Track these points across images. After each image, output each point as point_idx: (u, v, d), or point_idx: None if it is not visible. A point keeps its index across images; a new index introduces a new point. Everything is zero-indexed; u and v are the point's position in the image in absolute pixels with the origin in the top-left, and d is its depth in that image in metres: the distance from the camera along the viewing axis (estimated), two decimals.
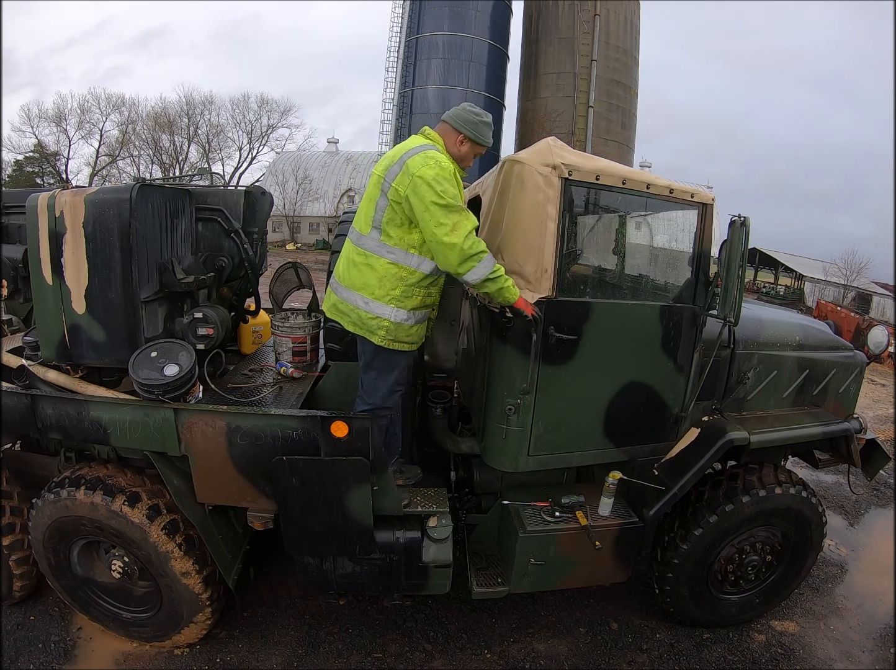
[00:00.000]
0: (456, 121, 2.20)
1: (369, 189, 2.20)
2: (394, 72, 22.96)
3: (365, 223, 2.18)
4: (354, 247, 2.22)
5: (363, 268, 2.18)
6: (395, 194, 2.07)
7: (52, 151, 35.00)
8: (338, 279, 2.30)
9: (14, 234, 3.24)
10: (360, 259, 2.19)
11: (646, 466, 2.66)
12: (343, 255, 2.30)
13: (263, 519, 2.43)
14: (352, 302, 2.22)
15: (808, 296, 28.15)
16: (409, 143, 2.19)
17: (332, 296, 2.34)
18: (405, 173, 2.03)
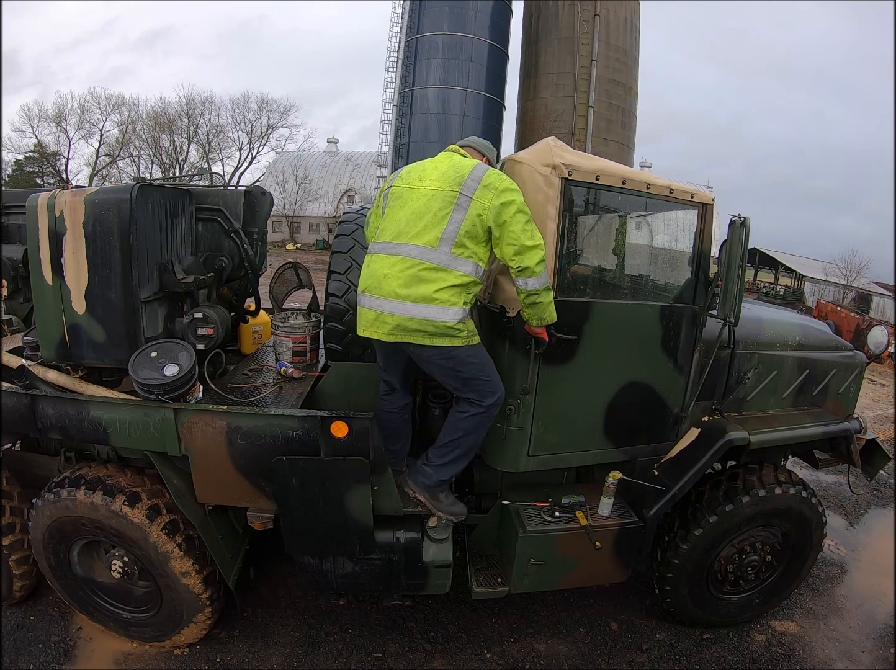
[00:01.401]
0: (480, 146, 2.41)
1: (429, 204, 2.12)
2: (394, 72, 22.91)
3: (432, 238, 2.10)
4: (420, 262, 2.10)
5: (436, 280, 2.10)
6: (477, 207, 2.07)
7: (52, 151, 35.01)
8: (396, 297, 2.11)
9: (14, 234, 3.23)
10: (429, 273, 2.10)
11: (646, 466, 2.67)
12: (396, 273, 2.11)
13: (263, 519, 2.43)
14: (427, 316, 2.10)
15: (808, 296, 28.16)
16: (461, 160, 2.22)
17: (390, 317, 2.13)
18: (488, 188, 2.07)
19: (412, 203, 2.17)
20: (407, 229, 2.14)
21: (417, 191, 2.17)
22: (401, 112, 22.62)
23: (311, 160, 36.56)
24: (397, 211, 2.20)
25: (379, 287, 2.14)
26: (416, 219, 2.13)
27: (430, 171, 2.20)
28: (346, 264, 2.55)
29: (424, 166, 2.26)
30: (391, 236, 2.18)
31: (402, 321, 2.12)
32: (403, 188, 2.23)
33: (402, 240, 2.14)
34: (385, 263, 2.15)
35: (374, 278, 2.18)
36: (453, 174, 2.13)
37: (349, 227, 2.59)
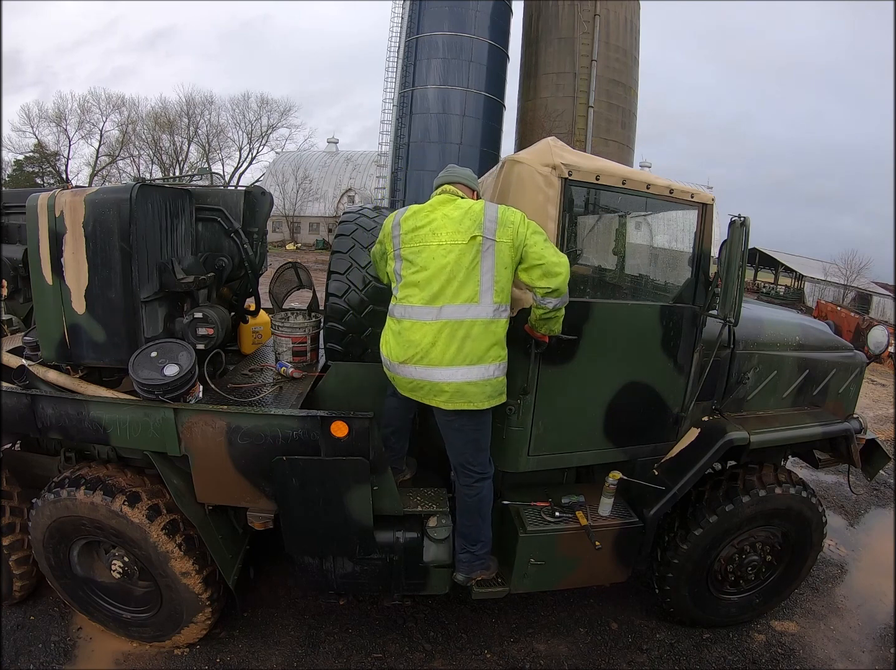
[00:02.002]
0: (468, 180, 2.29)
1: (457, 259, 2.03)
2: (394, 72, 22.91)
3: (472, 293, 2.03)
4: (467, 321, 2.03)
5: (486, 336, 2.06)
6: (502, 247, 2.03)
7: (52, 151, 35.02)
8: (451, 364, 2.04)
9: (14, 234, 3.23)
10: (478, 330, 2.04)
11: (646, 466, 2.67)
12: (444, 339, 2.04)
13: (263, 519, 2.43)
14: (481, 377, 2.07)
15: (808, 296, 28.16)
16: (468, 205, 2.12)
17: (447, 385, 2.06)
18: (505, 225, 2.03)
19: (436, 261, 2.06)
20: (442, 290, 2.04)
21: (437, 247, 2.07)
22: (401, 112, 22.62)
23: (311, 160, 36.56)
24: (421, 272, 2.09)
25: (426, 356, 2.06)
26: (448, 279, 2.04)
27: (441, 224, 2.09)
28: (346, 264, 2.55)
29: (432, 219, 2.12)
30: (425, 300, 2.07)
31: (462, 386, 2.06)
32: (420, 247, 2.10)
33: (441, 302, 2.04)
34: (427, 331, 2.06)
35: (416, 348, 2.07)
36: (469, 222, 2.05)
37: (349, 227, 2.58)
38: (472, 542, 2.41)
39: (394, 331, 2.17)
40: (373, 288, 2.45)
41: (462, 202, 2.15)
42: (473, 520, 2.37)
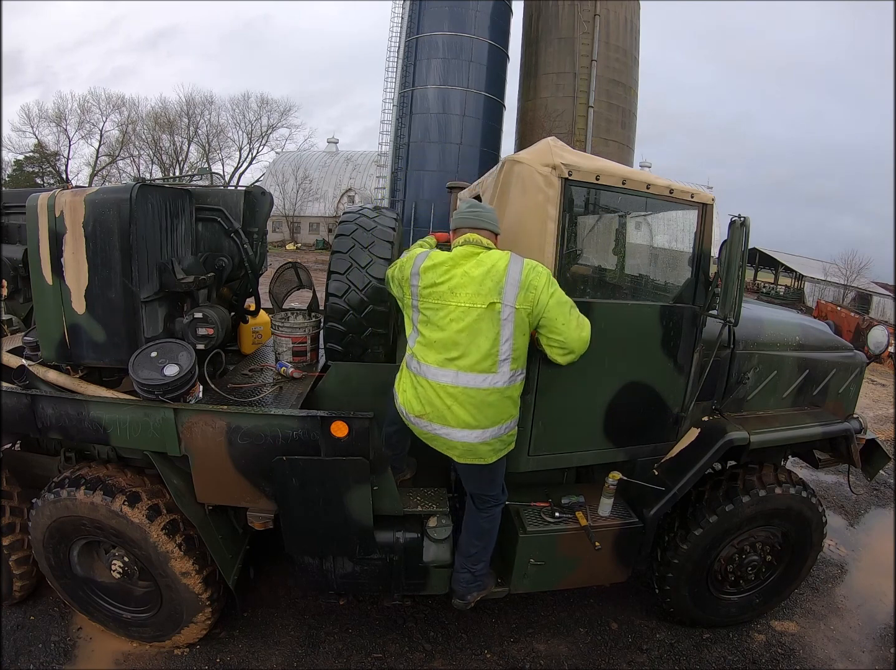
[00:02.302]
0: (491, 224, 2.13)
1: (475, 325, 1.96)
2: (394, 72, 22.91)
3: (490, 363, 1.99)
4: (485, 390, 2.01)
5: (503, 402, 2.06)
6: (522, 314, 1.97)
7: (52, 151, 35.01)
8: (468, 427, 2.05)
9: (14, 234, 3.23)
10: (495, 397, 2.03)
11: (646, 466, 2.67)
12: (462, 403, 2.02)
13: (263, 519, 2.43)
14: (497, 435, 2.10)
15: (808, 296, 28.15)
16: (492, 261, 1.99)
17: (461, 444, 2.08)
18: (525, 289, 1.95)
19: (454, 324, 1.99)
20: (460, 354, 2.00)
21: (455, 309, 1.99)
22: (401, 112, 22.62)
23: (311, 160, 36.55)
24: (437, 332, 2.03)
25: (443, 417, 2.05)
26: (466, 343, 1.98)
27: (461, 283, 1.99)
28: (346, 264, 2.55)
29: (452, 275, 2.01)
30: (440, 363, 2.03)
31: (475, 446, 2.09)
32: (438, 305, 2.02)
33: (457, 366, 2.01)
34: (443, 393, 2.03)
35: (433, 407, 2.06)
36: (490, 284, 1.95)
37: (349, 227, 2.58)
38: (474, 562, 2.42)
39: (412, 384, 2.13)
40: (373, 288, 2.44)
41: (486, 257, 2.02)
42: (481, 542, 2.39)
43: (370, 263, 2.50)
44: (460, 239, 2.09)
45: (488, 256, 2.02)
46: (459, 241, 2.09)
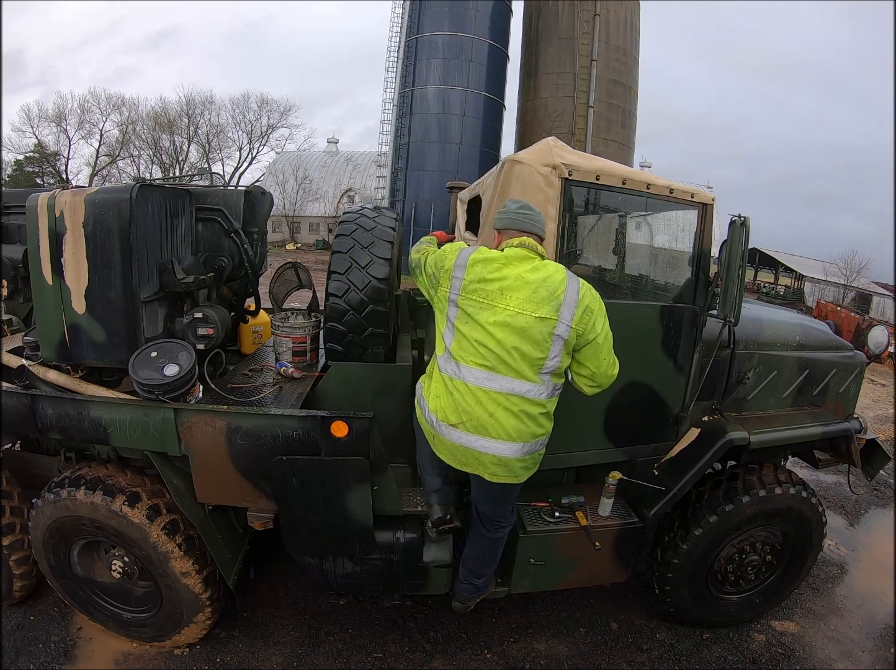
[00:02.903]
0: (543, 230, 2.03)
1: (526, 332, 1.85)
2: (394, 72, 22.92)
3: (535, 373, 1.89)
4: (527, 400, 1.91)
5: (542, 415, 1.97)
6: (575, 333, 1.89)
7: (52, 151, 35.01)
8: (509, 439, 1.93)
9: (14, 234, 3.23)
10: (536, 408, 1.94)
11: (646, 466, 2.67)
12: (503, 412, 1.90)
13: (263, 519, 2.43)
14: (530, 452, 2.00)
15: (808, 296, 28.16)
16: (549, 273, 1.89)
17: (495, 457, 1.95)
18: (584, 311, 1.87)
19: (499, 327, 1.86)
20: (502, 360, 1.87)
21: (503, 310, 1.86)
22: (401, 112, 22.63)
23: (311, 160, 36.55)
24: (480, 332, 1.89)
25: (483, 427, 1.91)
26: (510, 350, 1.86)
27: (514, 285, 1.86)
28: (346, 264, 2.55)
29: (504, 275, 1.88)
30: (480, 365, 1.89)
31: (510, 461, 1.96)
32: (484, 304, 1.88)
33: (501, 371, 1.88)
34: (484, 398, 1.90)
35: (470, 416, 1.92)
36: (545, 294, 1.85)
37: (349, 227, 2.58)
38: (477, 576, 2.42)
39: (447, 389, 1.97)
40: (373, 288, 2.44)
41: (541, 265, 1.91)
42: (486, 559, 2.38)
43: (370, 263, 2.50)
44: (514, 240, 1.95)
45: (544, 265, 1.91)
46: (513, 243, 1.94)
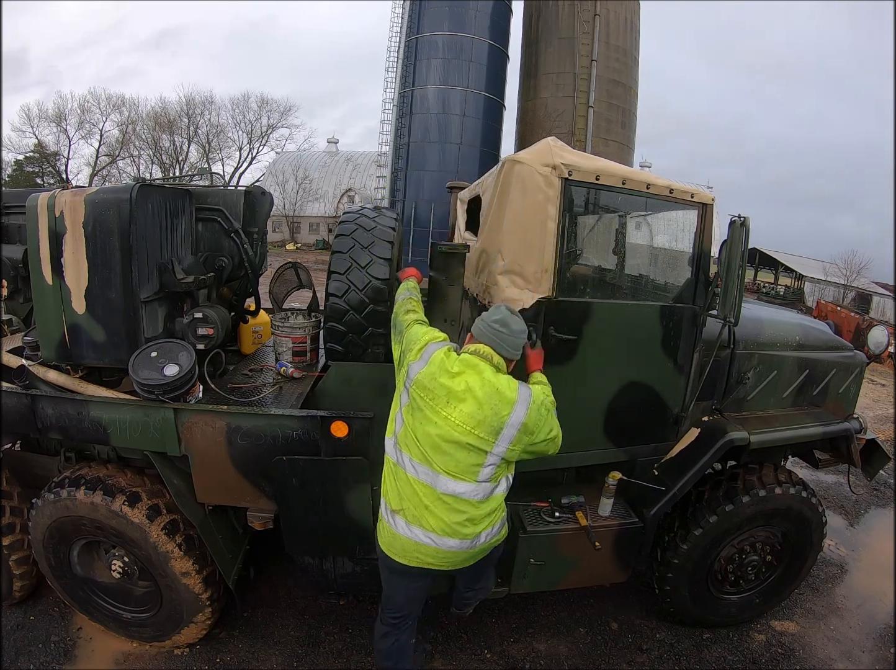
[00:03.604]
0: (512, 352, 1.92)
1: (461, 441, 1.78)
2: (394, 72, 22.90)
3: (472, 478, 1.83)
4: (464, 501, 1.84)
5: (487, 516, 1.90)
6: (513, 452, 1.83)
7: (52, 151, 34.98)
8: (451, 536, 1.86)
9: (14, 234, 3.23)
10: (475, 510, 1.86)
11: (646, 466, 2.66)
12: (441, 510, 1.84)
13: (263, 519, 2.43)
14: (490, 539, 1.96)
15: (808, 296, 28.16)
16: (500, 389, 1.79)
17: (452, 553, 1.89)
18: (524, 433, 1.80)
19: (440, 429, 1.80)
20: (438, 459, 1.82)
21: (445, 420, 1.79)
22: (401, 112, 22.60)
23: (311, 160, 36.54)
24: (424, 425, 1.83)
25: (423, 518, 1.85)
26: (449, 453, 1.80)
27: (460, 395, 1.78)
28: (346, 264, 2.55)
29: (454, 384, 1.79)
30: (422, 458, 1.84)
31: (469, 554, 1.93)
32: (432, 403, 1.81)
33: (436, 468, 1.82)
34: (422, 491, 1.84)
35: (411, 504, 1.87)
36: (490, 414, 1.76)
37: (349, 227, 2.58)
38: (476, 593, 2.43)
39: (392, 474, 1.94)
40: (373, 288, 2.44)
41: (494, 379, 1.80)
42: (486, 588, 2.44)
43: (370, 263, 2.50)
44: (471, 347, 1.89)
45: (498, 379, 1.81)
46: (470, 349, 1.88)
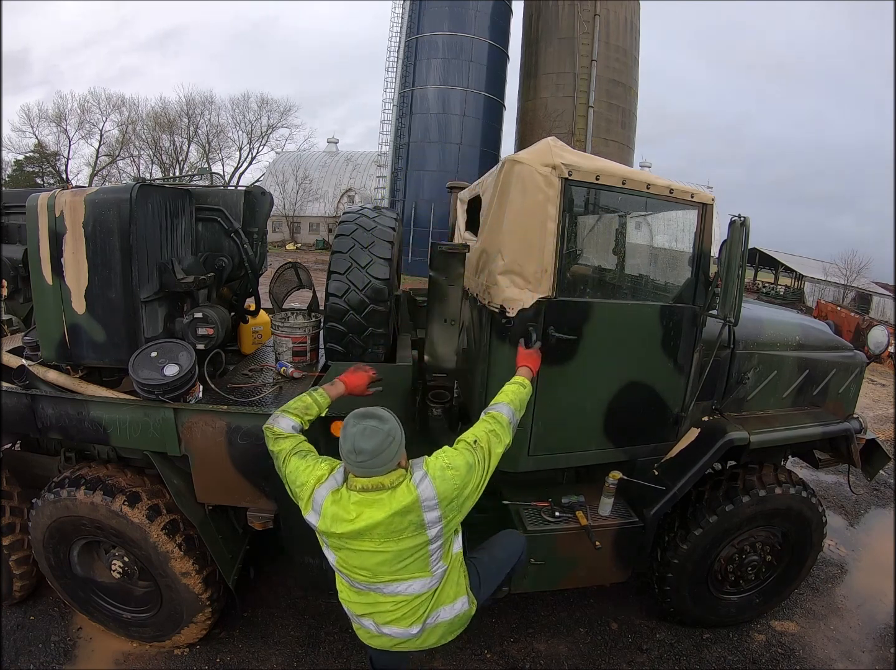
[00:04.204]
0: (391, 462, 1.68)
1: (400, 555, 1.66)
2: (394, 72, 22.90)
3: (426, 573, 1.73)
4: (421, 595, 1.75)
5: (446, 596, 1.81)
6: (450, 524, 1.71)
7: (52, 151, 34.98)
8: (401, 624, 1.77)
9: (14, 234, 3.23)
10: (435, 598, 1.79)
11: (646, 466, 2.66)
12: (402, 611, 1.76)
13: (263, 519, 2.43)
14: (465, 609, 1.87)
15: (808, 296, 28.16)
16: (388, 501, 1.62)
17: (422, 638, 1.83)
18: (445, 505, 1.66)
19: (369, 556, 1.67)
20: (385, 574, 1.70)
21: (364, 552, 1.66)
22: (401, 112, 22.61)
23: (311, 160, 36.54)
24: (351, 558, 1.70)
25: (393, 620, 1.77)
26: (391, 565, 1.68)
27: (364, 531, 1.62)
28: (346, 264, 2.55)
29: (356, 528, 1.62)
30: (369, 579, 1.72)
31: (441, 637, 1.85)
32: (343, 547, 1.69)
33: (387, 581, 1.72)
34: (383, 599, 1.75)
35: (377, 610, 1.78)
36: (400, 522, 1.62)
37: (349, 227, 2.58)
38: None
39: (345, 585, 1.83)
40: (373, 288, 2.44)
41: (395, 502, 1.62)
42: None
43: (370, 263, 2.50)
44: (356, 483, 1.66)
45: (396, 498, 1.63)
46: (357, 486, 1.66)
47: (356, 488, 1.66)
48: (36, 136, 34.23)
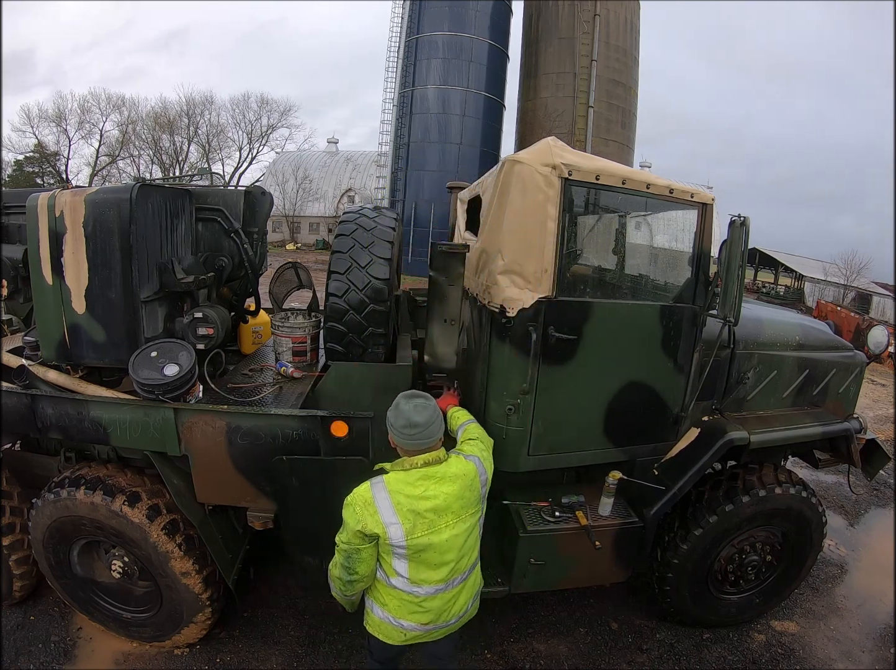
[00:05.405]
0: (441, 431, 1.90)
1: (461, 539, 1.84)
2: (394, 72, 22.90)
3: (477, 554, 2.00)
4: (475, 575, 2.02)
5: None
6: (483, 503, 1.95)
7: (52, 151, 34.99)
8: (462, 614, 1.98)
9: (14, 234, 3.23)
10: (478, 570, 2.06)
11: (646, 466, 2.66)
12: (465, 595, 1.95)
13: (263, 519, 2.43)
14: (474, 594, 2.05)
15: (808, 296, 28.16)
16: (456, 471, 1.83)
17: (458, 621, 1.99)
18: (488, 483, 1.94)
19: (448, 543, 1.81)
20: (454, 569, 1.86)
21: (446, 527, 1.80)
22: (401, 112, 22.61)
23: (311, 160, 36.54)
24: (431, 556, 1.81)
25: (448, 611, 1.92)
26: (458, 557, 1.86)
27: (444, 505, 1.78)
28: (346, 264, 2.55)
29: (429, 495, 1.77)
30: (437, 581, 1.85)
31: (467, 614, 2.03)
32: (427, 534, 1.77)
33: (454, 576, 1.88)
34: (448, 596, 1.90)
35: (437, 613, 1.90)
36: (469, 495, 1.84)
37: (349, 227, 2.58)
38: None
39: (405, 600, 1.87)
40: (373, 288, 2.44)
41: (453, 472, 1.82)
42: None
43: (370, 263, 2.50)
44: (406, 462, 1.82)
45: (455, 469, 1.83)
46: (418, 463, 1.80)
47: (418, 464, 1.82)
48: (36, 136, 34.27)
